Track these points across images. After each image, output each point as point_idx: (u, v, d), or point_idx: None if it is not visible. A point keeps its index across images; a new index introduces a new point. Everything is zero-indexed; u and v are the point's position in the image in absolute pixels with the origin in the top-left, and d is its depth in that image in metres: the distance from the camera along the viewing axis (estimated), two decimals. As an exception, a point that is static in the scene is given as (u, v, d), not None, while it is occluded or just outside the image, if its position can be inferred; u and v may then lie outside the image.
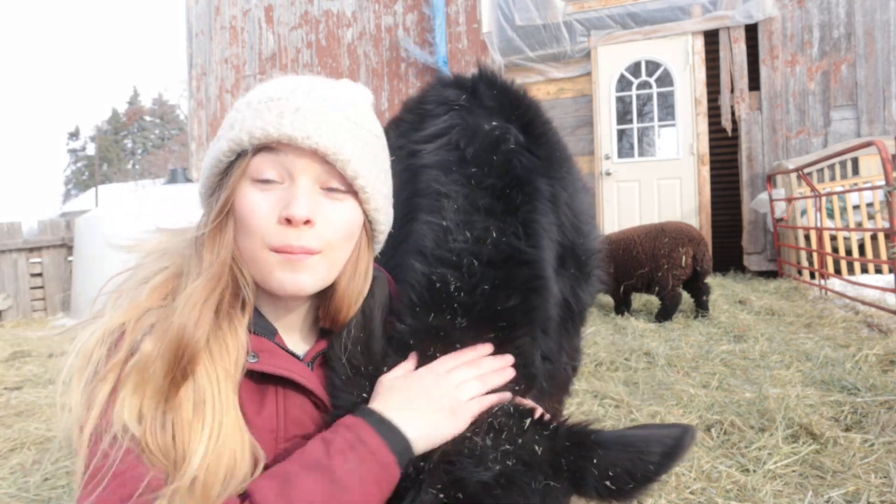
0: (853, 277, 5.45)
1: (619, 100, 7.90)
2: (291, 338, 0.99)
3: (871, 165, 6.30)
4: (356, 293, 0.96)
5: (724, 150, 8.39)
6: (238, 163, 0.87)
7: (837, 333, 3.96)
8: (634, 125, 7.85)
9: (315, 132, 0.85)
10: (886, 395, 2.70)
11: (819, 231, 5.60)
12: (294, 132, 0.84)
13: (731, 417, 2.54)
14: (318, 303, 0.99)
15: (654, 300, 5.22)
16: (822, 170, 6.46)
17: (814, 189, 5.69)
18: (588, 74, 7.88)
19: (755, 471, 2.13)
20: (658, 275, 4.76)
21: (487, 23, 8.29)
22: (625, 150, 7.99)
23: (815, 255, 5.70)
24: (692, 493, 2.00)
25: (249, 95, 0.92)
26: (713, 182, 7.71)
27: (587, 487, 0.79)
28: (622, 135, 7.99)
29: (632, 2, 7.58)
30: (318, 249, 0.87)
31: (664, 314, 4.81)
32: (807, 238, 6.12)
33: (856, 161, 6.47)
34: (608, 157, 7.77)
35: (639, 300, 5.61)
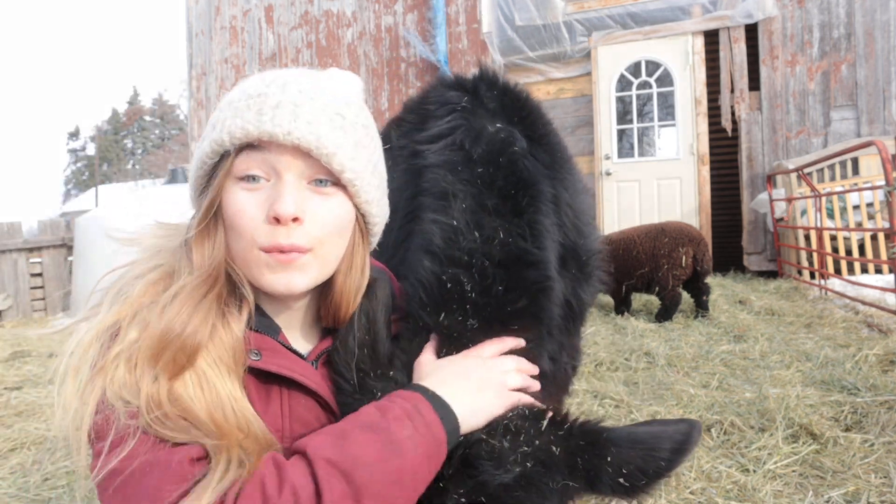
0: (853, 277, 5.45)
1: (619, 100, 7.90)
2: (294, 335, 0.98)
3: (871, 165, 6.30)
4: (354, 289, 0.95)
5: (724, 150, 8.39)
6: (222, 164, 0.86)
7: (837, 333, 3.96)
8: (634, 125, 7.85)
9: (295, 127, 0.82)
10: (886, 395, 2.69)
11: (819, 231, 5.60)
12: (274, 129, 0.82)
13: (731, 417, 2.53)
14: (319, 300, 0.98)
15: (654, 300, 5.22)
16: (822, 170, 6.46)
17: (814, 189, 5.68)
18: (588, 74, 7.87)
19: (755, 471, 2.13)
20: (658, 275, 4.76)
21: (487, 23, 8.28)
22: (625, 150, 7.98)
23: (815, 255, 5.70)
24: (692, 493, 2.00)
25: (231, 93, 0.90)
26: (713, 182, 7.70)
27: (602, 485, 0.81)
28: (622, 135, 7.99)
29: (632, 2, 7.57)
30: (309, 247, 0.85)
31: (664, 314, 4.80)
32: (807, 238, 6.12)
33: (856, 161, 6.47)
34: (608, 157, 7.76)
35: (639, 300, 5.61)
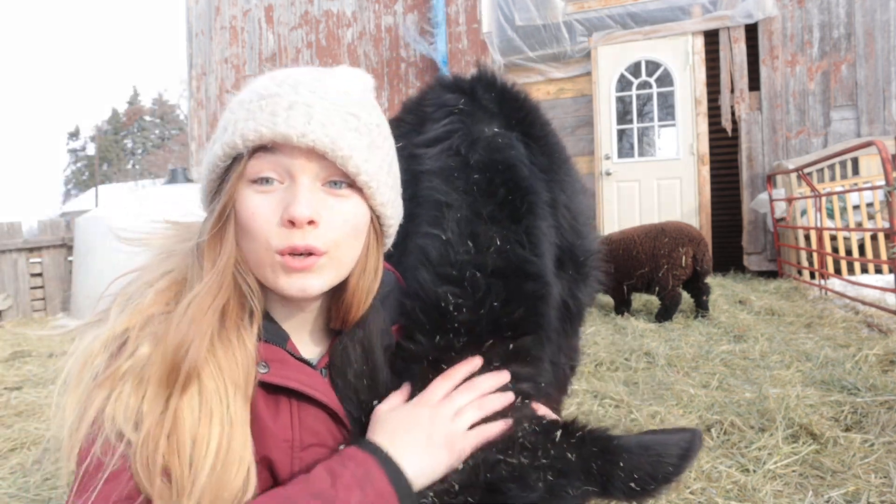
0: (853, 277, 5.45)
1: (619, 100, 7.90)
2: (303, 340, 0.96)
3: (871, 165, 6.30)
4: (366, 291, 0.93)
5: (724, 150, 8.39)
6: (235, 166, 0.84)
7: (837, 333, 3.96)
8: (634, 125, 7.85)
9: (310, 129, 0.80)
10: (886, 395, 2.70)
11: (819, 231, 5.60)
12: (288, 131, 0.80)
13: (731, 417, 2.54)
14: (331, 302, 0.96)
15: (654, 300, 5.22)
16: (822, 170, 6.46)
17: (814, 189, 5.68)
18: (588, 74, 7.87)
19: (755, 471, 2.13)
20: (658, 275, 4.76)
21: (487, 23, 8.28)
22: (625, 150, 7.98)
23: (815, 255, 5.70)
24: (692, 493, 2.00)
25: (242, 94, 0.88)
26: (713, 182, 7.70)
27: (615, 489, 0.83)
28: (622, 135, 7.99)
29: (632, 2, 7.57)
30: (324, 249, 0.83)
31: (664, 314, 4.80)
32: (807, 238, 6.11)
33: (856, 161, 6.47)
34: (608, 157, 7.76)
35: (639, 300, 5.61)
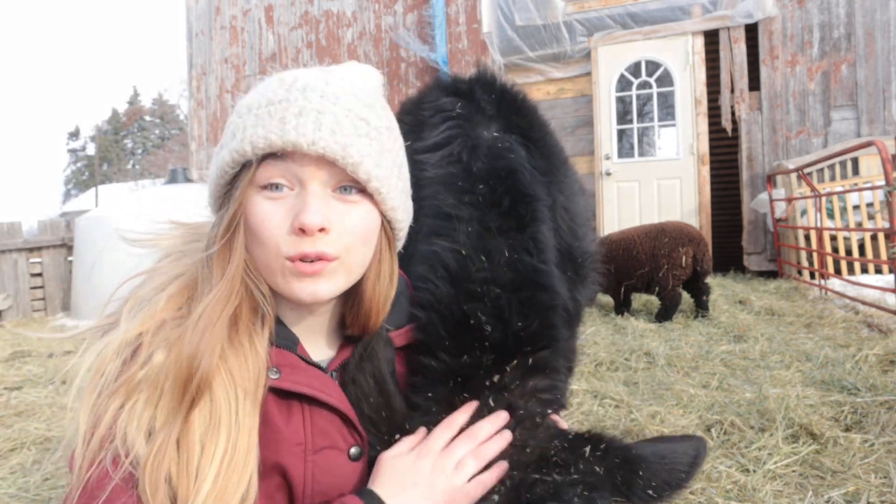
0: (853, 277, 5.45)
1: (619, 100, 7.90)
2: (314, 343, 0.96)
3: (871, 165, 6.30)
4: (383, 297, 0.93)
5: (724, 150, 8.39)
6: (244, 173, 0.83)
7: (837, 333, 3.95)
8: (634, 125, 7.85)
9: (320, 137, 0.80)
10: (886, 395, 2.69)
11: (819, 231, 5.60)
12: (298, 139, 0.79)
13: (731, 417, 2.53)
14: (342, 305, 0.96)
15: (654, 300, 5.22)
16: (822, 170, 6.46)
17: (814, 189, 5.68)
18: (588, 74, 7.87)
19: (755, 471, 2.13)
20: (658, 275, 4.76)
21: (487, 23, 8.28)
22: (625, 150, 7.98)
23: (815, 255, 5.69)
24: (692, 493, 2.00)
25: (249, 98, 0.87)
26: (713, 182, 7.70)
27: (635, 497, 0.88)
28: (622, 135, 7.99)
29: (632, 2, 7.57)
30: (335, 255, 0.83)
31: (664, 314, 4.80)
32: (807, 238, 6.12)
33: (856, 161, 6.47)
34: (608, 157, 7.76)
35: (639, 300, 5.61)
